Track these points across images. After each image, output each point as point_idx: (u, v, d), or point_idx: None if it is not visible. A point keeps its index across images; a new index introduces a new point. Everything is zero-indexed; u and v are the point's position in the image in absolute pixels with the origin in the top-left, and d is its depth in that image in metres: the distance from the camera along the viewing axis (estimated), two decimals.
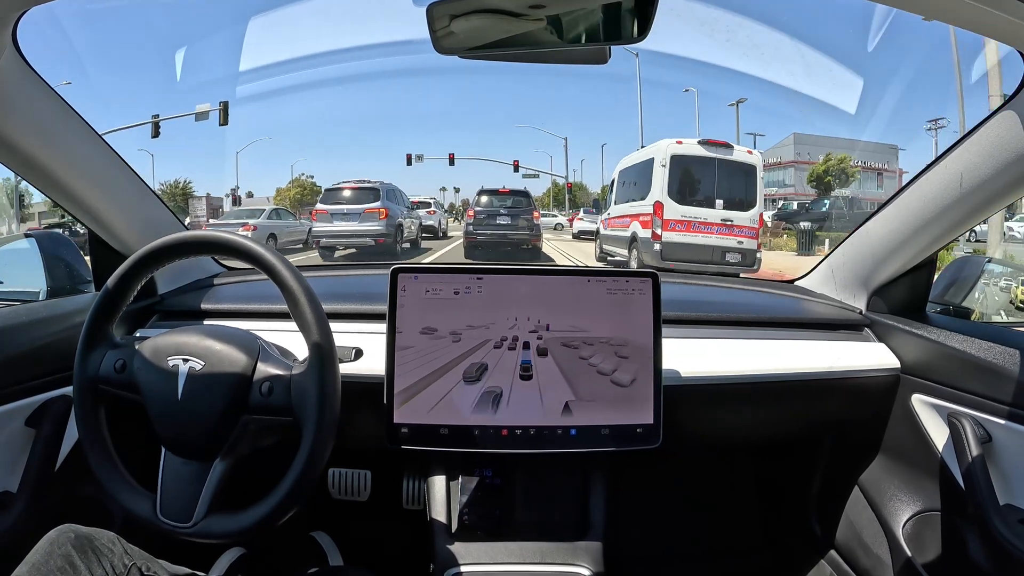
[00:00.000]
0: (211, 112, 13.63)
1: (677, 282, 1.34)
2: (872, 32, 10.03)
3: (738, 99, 19.72)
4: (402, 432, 0.86)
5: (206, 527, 0.69)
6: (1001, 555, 0.80)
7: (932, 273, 1.06)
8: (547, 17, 0.64)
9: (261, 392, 0.71)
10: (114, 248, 1.02)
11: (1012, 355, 0.83)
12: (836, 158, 21.95)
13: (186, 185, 26.37)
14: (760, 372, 1.00)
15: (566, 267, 0.99)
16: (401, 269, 0.88)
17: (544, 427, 0.87)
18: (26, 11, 0.66)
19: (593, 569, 0.89)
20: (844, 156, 21.91)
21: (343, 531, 1.29)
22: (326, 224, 9.73)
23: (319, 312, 0.72)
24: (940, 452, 0.93)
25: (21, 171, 0.84)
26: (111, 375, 0.73)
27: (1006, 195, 0.81)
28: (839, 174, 21.61)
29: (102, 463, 0.73)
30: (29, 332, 0.86)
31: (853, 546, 1.09)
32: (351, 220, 9.63)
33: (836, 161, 21.82)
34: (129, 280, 0.75)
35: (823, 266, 1.25)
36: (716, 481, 1.41)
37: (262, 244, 0.74)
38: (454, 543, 0.92)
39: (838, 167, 21.72)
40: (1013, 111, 0.74)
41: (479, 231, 9.93)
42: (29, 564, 0.63)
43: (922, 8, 0.57)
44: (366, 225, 9.55)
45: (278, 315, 0.99)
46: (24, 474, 0.83)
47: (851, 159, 22.00)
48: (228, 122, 13.57)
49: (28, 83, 0.76)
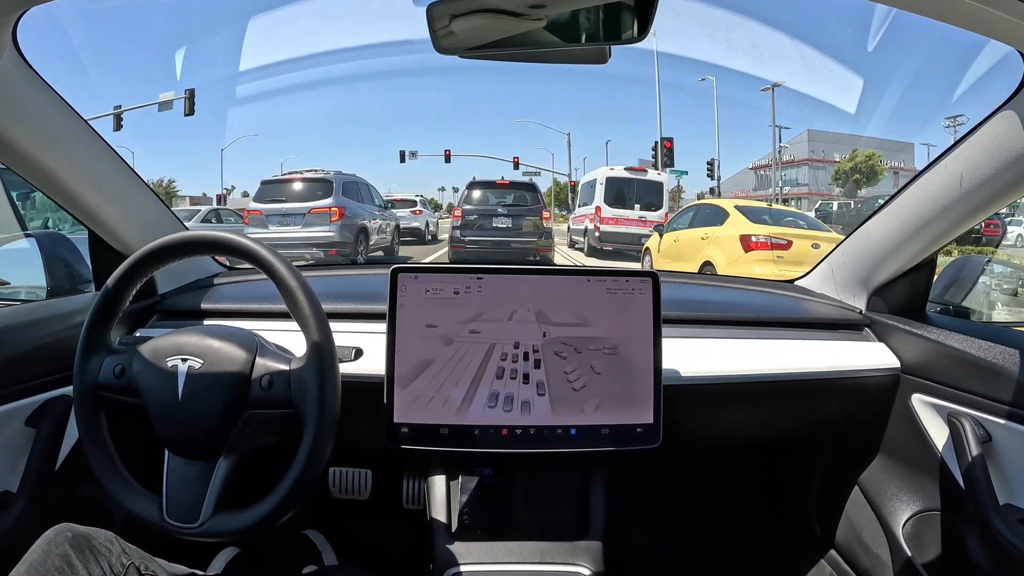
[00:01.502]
0: (175, 101, 12.59)
1: (677, 282, 1.34)
2: (872, 32, 10.04)
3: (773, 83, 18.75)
4: (402, 432, 0.86)
5: (213, 526, 0.69)
6: (1001, 555, 0.80)
7: (932, 273, 1.06)
8: (547, 17, 0.64)
9: (261, 386, 0.71)
10: (114, 248, 1.02)
11: (1012, 355, 0.83)
12: (863, 154, 21.38)
13: (169, 185, 26.17)
14: (760, 372, 1.00)
15: (566, 267, 0.99)
16: (401, 269, 0.88)
17: (544, 427, 0.87)
18: (26, 11, 0.66)
19: (593, 569, 0.89)
20: (872, 153, 21.33)
21: (343, 530, 1.29)
22: (259, 230, 7.07)
23: (318, 311, 0.72)
24: (940, 452, 0.93)
25: (21, 171, 0.84)
26: (111, 380, 0.73)
27: (1006, 195, 0.82)
28: (868, 172, 21.13)
29: (105, 468, 0.73)
30: (29, 332, 0.86)
31: (853, 546, 1.09)
32: (292, 224, 7.16)
33: (864, 158, 21.30)
34: (128, 280, 0.75)
35: (823, 266, 1.25)
36: (716, 481, 1.41)
37: (261, 244, 0.74)
38: (454, 543, 0.92)
39: (866, 164, 21.22)
40: (1013, 111, 0.74)
41: (469, 236, 7.53)
42: (27, 564, 0.63)
43: (922, 8, 0.57)
44: (312, 230, 7.08)
45: (278, 315, 1.00)
46: (24, 474, 0.83)
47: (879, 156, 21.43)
48: (194, 112, 12.41)
49: (28, 83, 0.76)
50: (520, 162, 21.15)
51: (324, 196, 7.33)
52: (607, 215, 10.01)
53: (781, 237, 5.53)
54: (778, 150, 19.71)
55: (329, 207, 7.21)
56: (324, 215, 7.19)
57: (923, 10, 0.57)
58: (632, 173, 10.50)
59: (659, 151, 14.00)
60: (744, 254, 5.59)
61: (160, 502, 0.71)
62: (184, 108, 12.50)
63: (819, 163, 25.18)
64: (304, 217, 7.23)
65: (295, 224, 7.25)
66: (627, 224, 9.90)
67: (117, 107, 13.19)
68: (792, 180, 26.81)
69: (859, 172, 21.00)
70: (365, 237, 7.82)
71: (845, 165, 21.76)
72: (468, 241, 7.50)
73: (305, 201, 7.30)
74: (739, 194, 30.01)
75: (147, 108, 13.54)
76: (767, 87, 18.66)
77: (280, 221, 7.31)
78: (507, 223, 7.71)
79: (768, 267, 5.35)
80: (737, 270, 5.47)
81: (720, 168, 18.09)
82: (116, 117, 13.15)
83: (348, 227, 7.38)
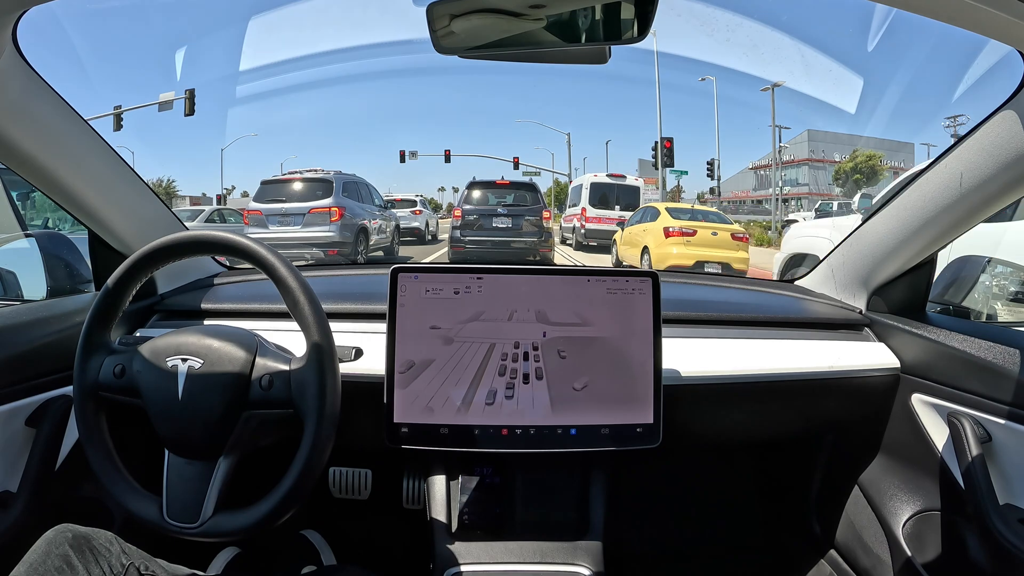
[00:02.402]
0: (175, 101, 12.52)
1: (677, 281, 1.34)
2: (872, 32, 10.06)
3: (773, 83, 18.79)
4: (402, 431, 0.86)
5: (213, 526, 0.69)
6: (1001, 554, 0.80)
7: (932, 273, 1.06)
8: (547, 17, 0.64)
9: (261, 386, 0.71)
10: (114, 248, 1.02)
11: (1012, 355, 0.83)
12: (863, 155, 21.51)
13: (168, 185, 26.09)
14: (760, 372, 1.00)
15: (566, 267, 0.99)
16: (401, 269, 0.88)
17: (544, 427, 0.87)
18: (26, 11, 0.66)
19: (593, 568, 0.89)
20: (872, 153, 21.51)
21: (343, 530, 1.29)
22: (259, 230, 7.14)
23: (318, 311, 0.72)
24: (940, 452, 0.93)
25: (21, 170, 0.84)
26: (111, 381, 0.73)
27: (1006, 195, 0.81)
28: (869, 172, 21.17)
29: (106, 469, 0.73)
30: (29, 332, 0.86)
31: (853, 545, 1.09)
32: (292, 224, 7.23)
33: (864, 158, 21.39)
34: (128, 280, 0.75)
35: (823, 265, 1.25)
36: (716, 481, 1.41)
37: (261, 244, 0.74)
38: (454, 542, 0.92)
39: (867, 164, 21.29)
40: (1013, 111, 0.74)
41: (469, 237, 7.59)
42: (27, 564, 0.63)
43: (922, 8, 0.57)
44: (312, 230, 7.14)
45: (278, 314, 1.00)
46: (24, 474, 0.83)
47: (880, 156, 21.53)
48: (194, 112, 12.37)
49: (28, 83, 0.76)
50: (520, 162, 21.15)
51: (324, 196, 7.34)
52: (591, 215, 11.89)
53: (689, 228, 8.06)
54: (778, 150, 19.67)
55: (329, 207, 7.22)
56: (324, 215, 7.20)
57: (923, 10, 0.57)
58: (613, 179, 12.40)
59: (659, 151, 14.12)
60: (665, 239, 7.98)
61: (160, 502, 0.71)
62: (184, 108, 12.46)
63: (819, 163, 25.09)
64: (304, 217, 7.25)
65: (295, 224, 7.27)
66: (608, 222, 11.54)
67: (117, 107, 13.14)
68: (792, 180, 26.69)
69: (860, 172, 20.97)
70: (365, 237, 7.85)
71: (846, 165, 21.73)
72: (468, 241, 7.53)
73: (305, 201, 7.31)
74: (738, 194, 30.04)
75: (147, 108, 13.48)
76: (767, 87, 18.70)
77: (280, 221, 7.33)
78: (507, 223, 7.73)
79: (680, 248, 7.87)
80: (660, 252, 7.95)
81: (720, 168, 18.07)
82: (116, 117, 13.07)
83: (348, 227, 7.40)
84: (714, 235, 8.07)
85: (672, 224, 8.17)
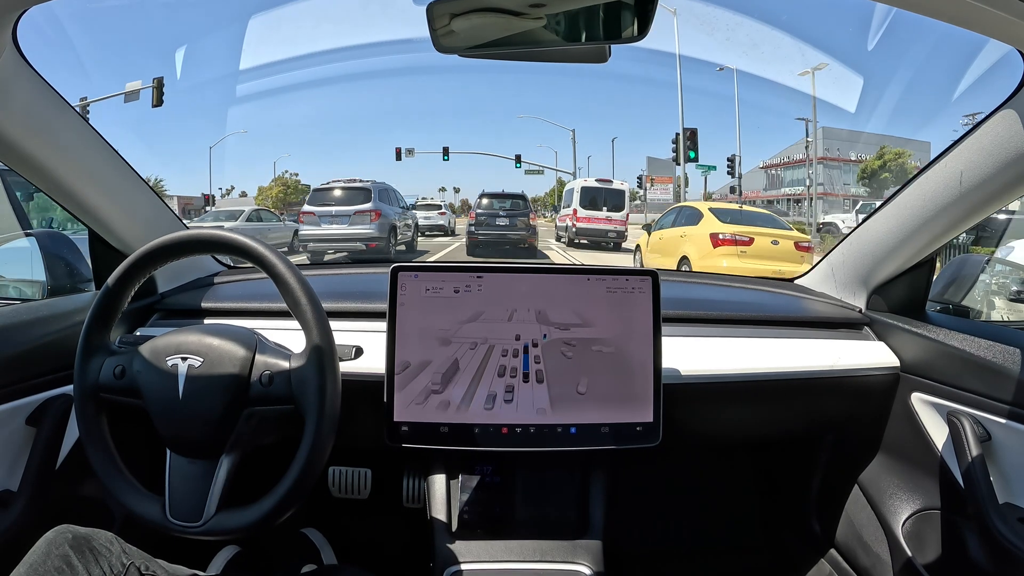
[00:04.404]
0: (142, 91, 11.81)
1: (677, 280, 1.34)
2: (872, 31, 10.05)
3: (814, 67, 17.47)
4: (402, 430, 0.87)
5: (216, 524, 0.69)
6: (1000, 553, 0.80)
7: (932, 272, 1.06)
8: (547, 16, 0.64)
9: (261, 383, 0.71)
10: (114, 247, 1.02)
11: (1012, 354, 0.83)
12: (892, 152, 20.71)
13: (156, 184, 26.00)
14: (760, 370, 1.00)
15: (566, 266, 1.00)
16: (401, 268, 0.88)
17: (544, 425, 0.87)
18: (26, 11, 0.66)
19: (593, 567, 0.89)
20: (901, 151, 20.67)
21: (343, 529, 1.29)
22: (313, 228, 9.22)
23: (319, 310, 0.72)
24: (940, 451, 0.93)
25: (21, 170, 0.84)
26: (111, 382, 0.73)
27: (1006, 194, 0.82)
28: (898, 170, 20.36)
29: (108, 470, 0.72)
30: (29, 331, 0.86)
31: (853, 544, 1.09)
32: (340, 223, 9.13)
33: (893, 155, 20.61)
34: (129, 279, 0.75)
35: (823, 264, 1.25)
36: (716, 479, 1.41)
37: (262, 242, 0.74)
38: (454, 541, 0.92)
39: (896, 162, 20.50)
40: (1013, 110, 0.74)
41: (480, 231, 10.98)
42: (27, 565, 0.63)
43: (922, 8, 0.57)
44: (356, 228, 9.09)
45: (278, 313, 1.00)
46: (24, 473, 0.83)
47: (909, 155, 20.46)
48: (163, 102, 11.66)
49: (28, 82, 0.76)
50: (522, 159, 21.05)
51: (364, 201, 9.34)
52: (582, 215, 13.09)
53: (743, 235, 6.49)
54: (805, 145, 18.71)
55: (369, 209, 9.26)
56: (366, 215, 9.20)
57: (923, 10, 0.57)
58: (600, 183, 13.67)
59: (680, 143, 13.98)
60: (713, 249, 6.48)
61: (163, 502, 0.71)
62: (152, 99, 11.83)
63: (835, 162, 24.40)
64: (350, 218, 9.17)
65: (342, 223, 9.16)
66: (596, 222, 13.04)
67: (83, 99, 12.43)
68: (802, 180, 26.39)
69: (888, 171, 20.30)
70: (394, 233, 9.96)
71: (873, 164, 21.01)
72: (479, 234, 10.88)
73: (349, 205, 9.26)
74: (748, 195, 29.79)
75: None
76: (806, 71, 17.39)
77: (330, 220, 9.23)
78: (505, 222, 11.03)
79: (733, 260, 6.26)
80: (705, 264, 6.36)
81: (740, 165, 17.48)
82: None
83: (383, 225, 9.38)
84: (775, 244, 6.38)
85: (722, 230, 6.52)
